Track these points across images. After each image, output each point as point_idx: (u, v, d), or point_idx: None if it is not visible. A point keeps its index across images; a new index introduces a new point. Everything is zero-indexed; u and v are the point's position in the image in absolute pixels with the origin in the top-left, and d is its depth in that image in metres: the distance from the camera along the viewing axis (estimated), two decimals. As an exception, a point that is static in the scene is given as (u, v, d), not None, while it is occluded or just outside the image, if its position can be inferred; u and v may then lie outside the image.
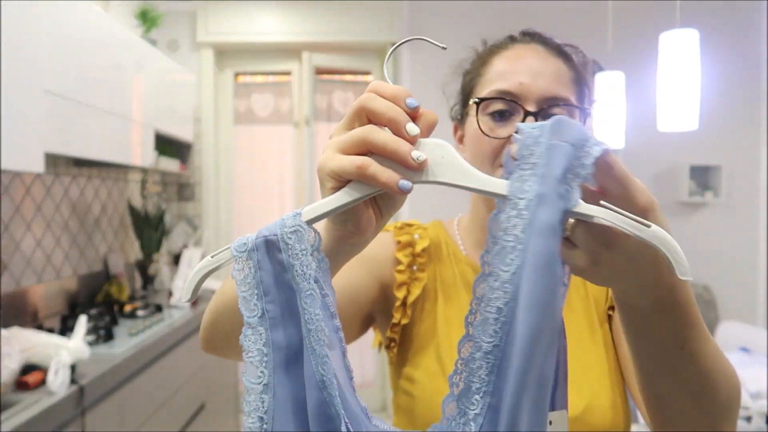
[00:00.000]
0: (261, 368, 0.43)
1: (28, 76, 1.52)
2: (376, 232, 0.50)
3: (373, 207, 0.48)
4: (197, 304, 2.44)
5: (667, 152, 3.45)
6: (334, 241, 0.48)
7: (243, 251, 0.44)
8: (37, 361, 1.38)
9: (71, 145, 1.82)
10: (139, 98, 2.33)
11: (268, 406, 0.43)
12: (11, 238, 1.96)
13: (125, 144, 2.21)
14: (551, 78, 0.68)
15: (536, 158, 0.40)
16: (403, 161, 0.42)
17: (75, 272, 2.38)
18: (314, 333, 0.42)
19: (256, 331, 0.43)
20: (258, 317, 0.43)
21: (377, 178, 0.42)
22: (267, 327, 0.43)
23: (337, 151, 0.43)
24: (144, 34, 2.76)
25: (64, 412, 1.33)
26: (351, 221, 0.47)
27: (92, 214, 2.53)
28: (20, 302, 2.00)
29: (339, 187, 0.44)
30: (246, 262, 0.44)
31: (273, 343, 0.43)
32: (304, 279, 0.43)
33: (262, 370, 0.43)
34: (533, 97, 0.67)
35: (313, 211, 0.44)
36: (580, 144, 0.40)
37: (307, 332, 0.42)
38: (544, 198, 0.39)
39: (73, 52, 1.83)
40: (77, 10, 1.87)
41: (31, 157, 1.53)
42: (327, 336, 0.42)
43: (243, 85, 3.53)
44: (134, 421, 1.72)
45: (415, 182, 0.43)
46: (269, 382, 0.43)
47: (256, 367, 0.43)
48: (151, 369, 1.84)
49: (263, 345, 0.43)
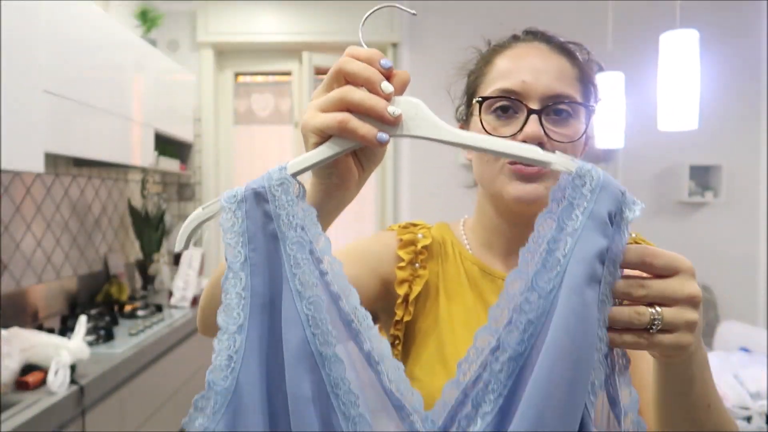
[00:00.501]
0: (238, 310, 0.45)
1: (28, 76, 1.52)
2: (359, 187, 0.54)
3: (354, 161, 0.52)
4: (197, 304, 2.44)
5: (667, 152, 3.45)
6: (321, 194, 0.51)
7: (233, 202, 0.46)
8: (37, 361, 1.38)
9: (71, 145, 1.82)
10: (139, 98, 2.33)
11: (239, 346, 0.44)
12: (11, 238, 1.96)
13: (125, 144, 2.21)
14: (554, 76, 0.68)
15: (587, 191, 0.43)
16: (380, 116, 0.45)
17: (75, 272, 2.38)
18: (300, 276, 0.44)
19: (237, 275, 0.45)
20: (240, 263, 0.46)
21: (357, 131, 0.45)
22: (248, 273, 0.45)
23: (319, 111, 0.47)
24: (144, 34, 2.76)
25: (64, 412, 1.33)
26: (335, 174, 0.50)
27: (92, 214, 2.53)
28: (20, 302, 2.00)
29: (321, 143, 0.47)
30: (234, 213, 0.46)
31: (252, 288, 0.45)
32: (290, 227, 0.45)
33: (239, 312, 0.45)
34: (536, 95, 0.67)
35: (298, 164, 0.47)
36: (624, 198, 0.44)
37: (292, 276, 0.44)
38: (590, 229, 0.42)
39: (73, 52, 1.83)
40: (77, 10, 1.87)
41: (31, 157, 1.53)
42: (313, 281, 0.44)
43: (243, 85, 3.53)
44: (134, 421, 1.72)
45: (392, 135, 0.46)
46: (244, 323, 0.45)
47: (233, 309, 0.45)
48: (151, 369, 1.84)
49: (242, 289, 0.45)
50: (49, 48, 1.65)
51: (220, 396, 0.44)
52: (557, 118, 0.67)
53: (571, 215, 0.43)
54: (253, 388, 0.44)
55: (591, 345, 0.41)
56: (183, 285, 2.40)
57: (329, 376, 0.42)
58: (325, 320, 0.43)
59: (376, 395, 0.44)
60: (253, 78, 3.58)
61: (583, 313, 0.40)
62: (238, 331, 0.45)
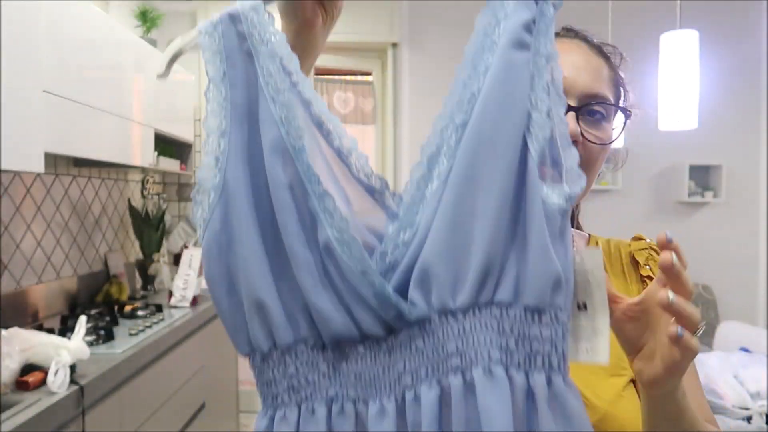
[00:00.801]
0: (221, 118, 0.51)
1: (28, 76, 1.52)
2: (326, 31, 0.61)
3: (318, 4, 0.59)
4: (197, 304, 2.44)
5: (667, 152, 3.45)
6: (290, 34, 0.57)
7: (209, 26, 0.53)
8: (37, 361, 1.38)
9: (71, 145, 1.82)
10: (139, 98, 2.33)
11: (224, 148, 0.51)
12: (11, 238, 1.96)
13: (125, 144, 2.21)
14: (594, 75, 0.68)
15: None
16: None
17: (75, 272, 2.38)
18: (272, 84, 0.49)
19: (218, 87, 0.52)
20: (220, 77, 0.52)
21: None
22: (227, 86, 0.51)
23: None
24: (144, 34, 2.76)
25: (64, 412, 1.32)
26: (299, 15, 0.57)
27: (92, 214, 2.53)
28: (20, 302, 2.00)
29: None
30: (211, 34, 0.53)
31: (231, 100, 0.51)
32: (262, 43, 0.50)
33: (222, 120, 0.51)
34: (576, 92, 0.66)
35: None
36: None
37: (265, 84, 0.50)
38: (518, 10, 0.47)
39: (73, 52, 1.83)
40: (77, 10, 1.86)
41: (31, 157, 1.53)
42: (284, 87, 0.49)
43: (243, 85, 3.53)
44: (134, 421, 1.72)
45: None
46: (226, 129, 0.51)
47: (216, 116, 0.52)
48: (151, 369, 1.83)
49: (223, 99, 0.52)
50: (49, 48, 1.65)
51: (213, 190, 0.51)
52: (590, 119, 0.67)
53: (504, 5, 0.47)
54: (239, 183, 0.49)
55: (521, 98, 0.45)
56: (183, 285, 2.40)
57: (301, 164, 0.47)
58: (296, 118, 0.48)
59: (349, 184, 0.49)
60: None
61: (509, 70, 0.45)
62: (222, 135, 0.51)
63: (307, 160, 0.47)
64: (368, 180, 0.50)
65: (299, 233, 0.47)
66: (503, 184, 0.44)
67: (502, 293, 0.43)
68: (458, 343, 0.43)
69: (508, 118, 0.45)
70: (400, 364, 0.45)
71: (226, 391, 2.81)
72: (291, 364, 0.48)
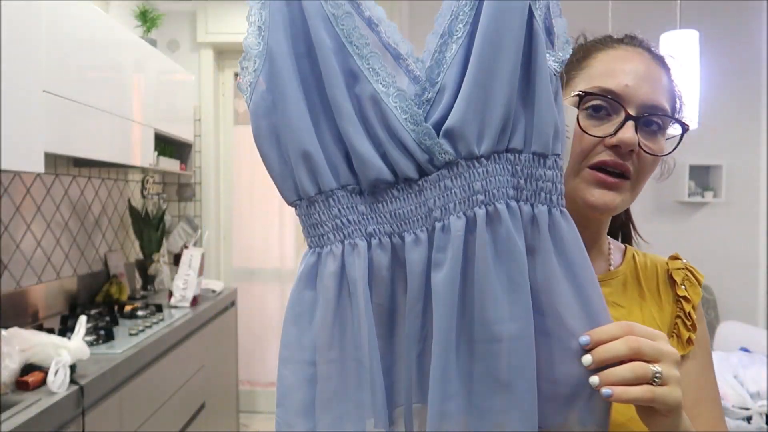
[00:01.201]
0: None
1: (28, 76, 1.52)
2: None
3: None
4: (197, 304, 2.44)
5: (667, 152, 3.45)
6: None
7: None
8: (37, 361, 1.38)
9: (71, 145, 1.82)
10: (139, 98, 2.33)
11: (265, 18, 0.54)
12: (11, 238, 1.96)
13: (125, 144, 2.21)
14: (655, 86, 0.68)
15: None
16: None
17: (75, 272, 2.38)
18: None
19: None
20: None
21: None
22: None
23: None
24: (144, 34, 2.76)
25: (64, 412, 1.32)
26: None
27: (92, 214, 2.53)
28: (20, 302, 2.00)
29: None
30: None
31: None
32: None
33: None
34: (637, 101, 0.66)
35: None
36: None
37: None
38: None
39: (73, 52, 1.83)
40: (77, 10, 1.87)
41: (31, 157, 1.53)
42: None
43: (243, 85, 3.53)
44: (134, 421, 1.72)
45: None
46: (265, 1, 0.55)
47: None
48: (151, 369, 1.84)
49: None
50: (49, 48, 1.65)
51: (258, 57, 0.55)
52: (647, 129, 0.68)
53: None
54: (281, 49, 0.54)
55: None
56: (183, 285, 2.40)
57: (342, 29, 0.52)
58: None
59: (379, 50, 0.54)
60: (253, 78, 3.58)
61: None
62: (262, 6, 0.55)
63: (350, 25, 0.52)
64: (396, 46, 0.55)
65: (343, 90, 0.52)
66: (518, 48, 0.51)
67: (516, 141, 0.52)
68: (483, 182, 0.51)
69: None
70: (431, 201, 0.53)
71: (226, 391, 2.81)
72: (334, 206, 0.55)
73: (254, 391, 3.50)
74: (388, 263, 0.54)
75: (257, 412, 3.46)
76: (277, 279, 3.50)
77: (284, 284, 3.47)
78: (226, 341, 2.81)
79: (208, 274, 3.11)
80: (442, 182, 0.52)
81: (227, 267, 3.51)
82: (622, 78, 0.67)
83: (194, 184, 3.34)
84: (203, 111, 3.34)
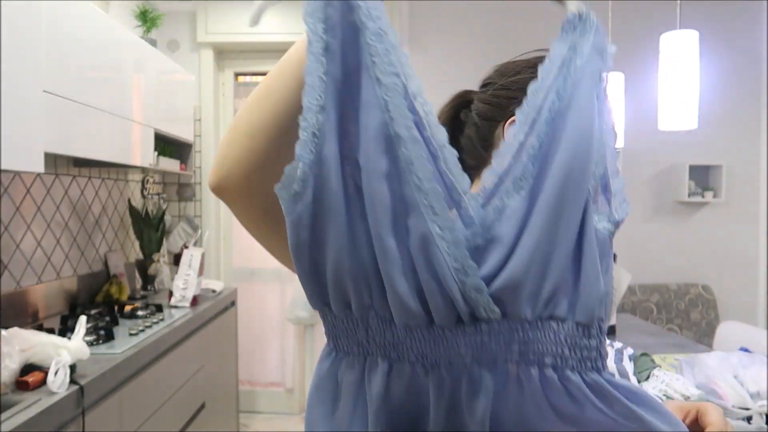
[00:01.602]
0: (319, 92, 0.50)
1: (28, 76, 1.52)
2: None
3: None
4: (197, 303, 2.44)
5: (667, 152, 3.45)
6: None
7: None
8: (37, 361, 1.38)
9: (71, 145, 1.82)
10: (139, 98, 2.33)
11: (321, 125, 0.50)
12: (11, 238, 1.96)
13: (125, 144, 2.21)
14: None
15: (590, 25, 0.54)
16: None
17: (75, 272, 2.38)
18: (379, 65, 0.48)
19: (318, 60, 0.50)
20: (322, 49, 0.50)
21: None
22: (328, 59, 0.50)
23: None
24: (144, 34, 2.76)
25: (64, 412, 1.32)
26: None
27: (92, 214, 2.53)
28: (20, 302, 2.00)
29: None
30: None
31: (330, 74, 0.50)
32: (370, 19, 0.49)
33: (320, 95, 0.50)
34: None
35: None
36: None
37: (371, 64, 0.48)
38: (594, 55, 0.52)
39: (73, 52, 1.83)
40: (77, 10, 1.86)
41: (31, 157, 1.52)
42: (390, 70, 0.48)
43: (243, 85, 3.53)
44: (134, 421, 1.72)
45: None
46: (325, 105, 0.50)
47: (315, 90, 0.50)
48: (151, 369, 1.83)
49: (323, 74, 0.50)
50: (49, 48, 1.65)
51: (307, 167, 0.50)
52: None
53: (581, 44, 0.52)
54: (332, 161, 0.50)
55: (596, 137, 0.51)
56: (183, 285, 2.40)
57: (404, 154, 0.48)
58: (402, 105, 0.48)
59: (438, 183, 0.50)
60: (253, 78, 3.58)
61: (589, 111, 0.50)
62: (320, 111, 0.50)
63: (411, 152, 0.48)
64: (453, 178, 0.51)
65: (388, 223, 0.48)
66: (578, 215, 0.50)
67: (560, 309, 0.50)
68: (521, 346, 0.50)
69: (587, 155, 0.50)
70: (462, 350, 0.50)
71: (226, 391, 2.81)
72: (362, 329, 0.53)
73: (254, 391, 3.50)
74: (404, 389, 0.52)
75: (257, 412, 3.46)
76: (277, 279, 3.50)
77: (284, 284, 3.47)
78: (226, 341, 2.81)
79: (208, 274, 3.11)
80: (478, 336, 0.50)
81: (227, 267, 3.51)
82: None
83: (194, 184, 3.34)
84: (203, 111, 3.34)
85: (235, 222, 3.49)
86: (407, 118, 0.48)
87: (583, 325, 0.51)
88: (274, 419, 3.39)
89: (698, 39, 1.73)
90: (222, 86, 3.48)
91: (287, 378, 3.48)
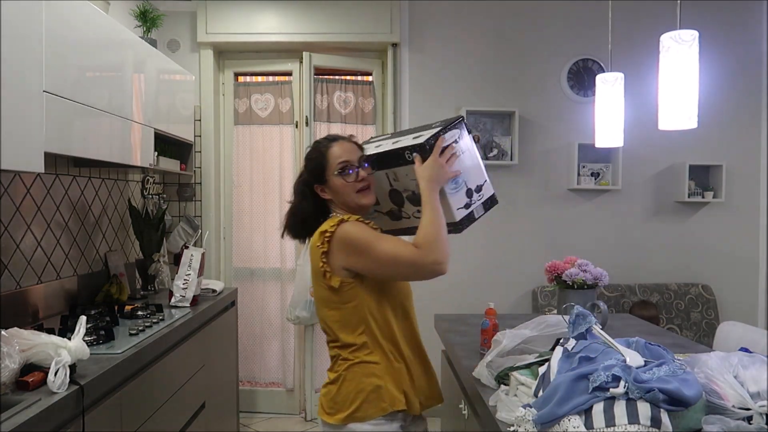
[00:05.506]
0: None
1: (28, 76, 1.52)
2: None
3: None
4: (197, 303, 2.44)
5: (667, 152, 3.45)
6: None
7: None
8: (37, 361, 1.38)
9: (71, 145, 1.82)
10: (139, 98, 2.33)
11: None
12: (11, 238, 1.96)
13: (125, 144, 2.21)
14: (354, 153, 1.50)
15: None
16: None
17: (75, 272, 2.38)
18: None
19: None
20: None
21: None
22: None
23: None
24: (144, 34, 2.76)
25: (64, 412, 1.32)
26: None
27: (92, 214, 2.53)
28: (20, 302, 2.00)
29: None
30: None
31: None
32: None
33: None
34: (356, 157, 1.48)
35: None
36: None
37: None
38: None
39: (73, 52, 1.83)
40: (77, 10, 1.86)
41: (31, 157, 1.52)
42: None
43: (243, 85, 3.53)
44: (134, 421, 1.72)
45: None
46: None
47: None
48: (151, 369, 1.83)
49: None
50: (49, 48, 1.65)
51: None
52: (365, 167, 1.50)
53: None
54: None
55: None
56: (183, 285, 2.40)
57: None
58: None
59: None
60: (253, 78, 3.58)
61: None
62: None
63: None
64: None
65: None
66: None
67: None
68: None
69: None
70: None
71: (226, 391, 2.81)
72: None
73: (254, 391, 3.50)
74: None
75: (257, 412, 3.46)
76: (277, 279, 3.49)
77: (284, 284, 3.47)
78: (226, 341, 2.81)
79: (208, 274, 3.11)
80: None
81: (227, 267, 3.51)
82: (347, 155, 1.47)
83: (194, 184, 3.34)
84: (203, 111, 3.34)
85: (235, 222, 3.49)
86: None
87: None
88: (274, 419, 3.39)
89: (698, 39, 1.73)
90: (222, 86, 3.48)
91: (287, 378, 3.48)
